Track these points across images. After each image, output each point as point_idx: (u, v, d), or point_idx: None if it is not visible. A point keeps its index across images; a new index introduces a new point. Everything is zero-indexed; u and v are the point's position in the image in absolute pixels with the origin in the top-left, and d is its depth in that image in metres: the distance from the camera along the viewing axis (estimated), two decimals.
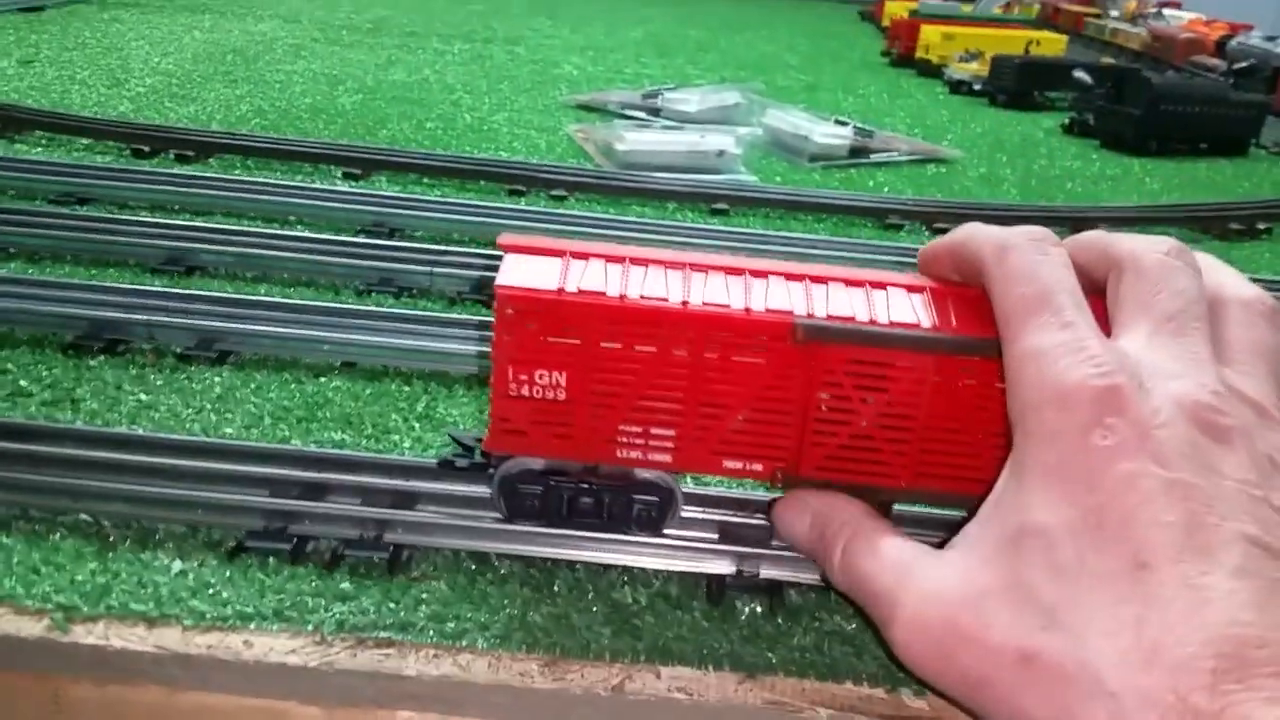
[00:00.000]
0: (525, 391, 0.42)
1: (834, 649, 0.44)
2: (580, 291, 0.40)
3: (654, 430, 0.42)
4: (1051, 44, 2.27)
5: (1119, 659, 0.30)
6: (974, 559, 0.35)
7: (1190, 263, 0.39)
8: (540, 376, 0.42)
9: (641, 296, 0.41)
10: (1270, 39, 2.37)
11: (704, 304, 0.41)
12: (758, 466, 0.43)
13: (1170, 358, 0.35)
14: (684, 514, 0.49)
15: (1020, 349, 0.36)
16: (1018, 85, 1.88)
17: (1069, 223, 1.11)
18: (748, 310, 0.41)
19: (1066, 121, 1.70)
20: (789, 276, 0.43)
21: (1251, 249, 1.14)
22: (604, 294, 0.41)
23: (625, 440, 0.43)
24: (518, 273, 0.41)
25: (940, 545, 0.38)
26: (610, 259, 0.42)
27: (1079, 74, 1.73)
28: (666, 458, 0.43)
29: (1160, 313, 0.37)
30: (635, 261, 0.42)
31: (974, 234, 0.41)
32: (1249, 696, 0.28)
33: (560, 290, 0.40)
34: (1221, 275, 0.40)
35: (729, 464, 0.43)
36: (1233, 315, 0.38)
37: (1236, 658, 0.29)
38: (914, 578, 0.36)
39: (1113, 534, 0.32)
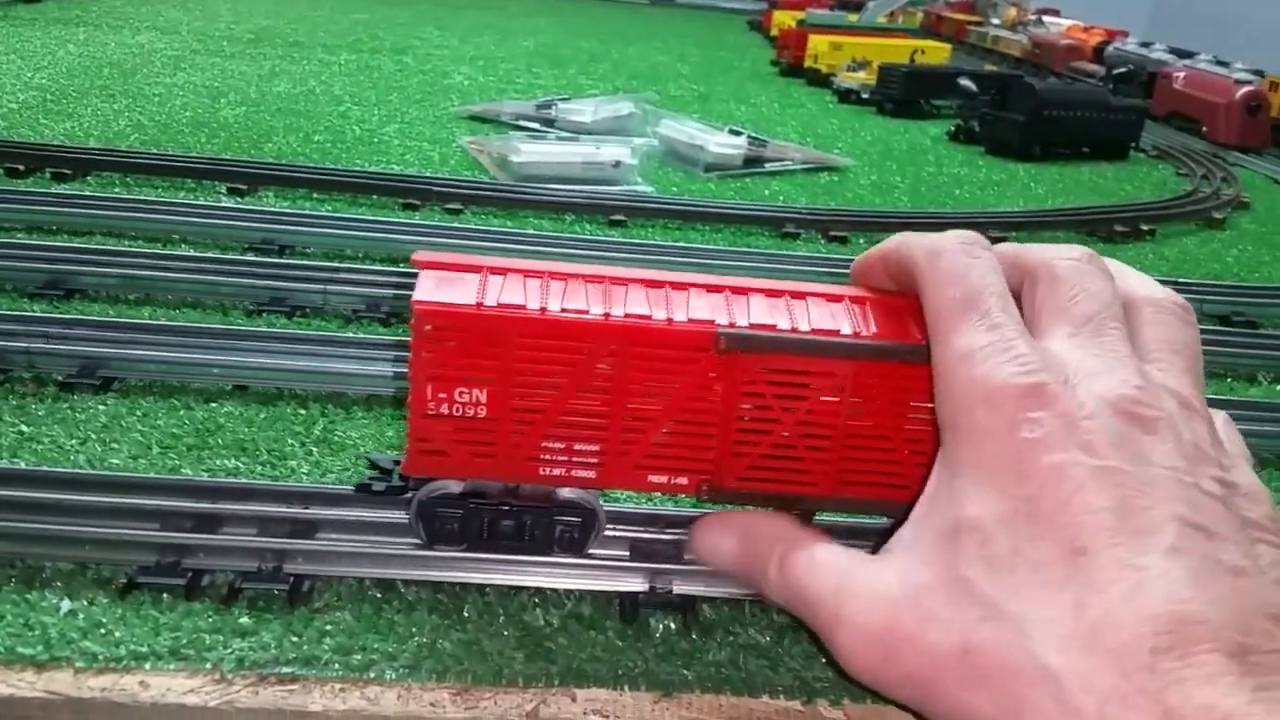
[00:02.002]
0: (445, 410, 0.41)
1: (749, 663, 0.44)
2: (500, 305, 0.40)
3: (577, 446, 0.42)
4: (936, 52, 2.32)
5: (1061, 644, 0.30)
6: (911, 559, 0.35)
7: (1101, 268, 0.40)
8: (460, 394, 0.40)
9: (563, 309, 0.40)
10: (1145, 45, 2.47)
11: (626, 315, 0.40)
12: (682, 480, 0.42)
13: (1092, 357, 0.36)
14: None
15: (949, 350, 0.37)
16: (904, 94, 1.92)
17: (961, 229, 1.13)
18: (670, 321, 0.40)
19: (952, 129, 1.73)
20: (709, 288, 0.42)
21: (1136, 250, 1.17)
22: (524, 307, 0.40)
23: (548, 457, 0.42)
24: (435, 288, 0.40)
25: (874, 552, 0.38)
26: (529, 273, 0.42)
27: (964, 82, 1.77)
28: (590, 474, 0.42)
29: (1078, 315, 0.38)
30: (555, 275, 0.42)
31: (905, 240, 0.42)
32: (1190, 674, 0.28)
33: (479, 304, 0.39)
34: (1131, 279, 0.41)
35: (654, 479, 0.42)
36: (1146, 315, 0.39)
37: (1176, 635, 0.29)
38: (854, 583, 0.36)
39: (1046, 523, 0.32)
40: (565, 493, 0.45)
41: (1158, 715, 0.28)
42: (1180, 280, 1.02)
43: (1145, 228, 1.22)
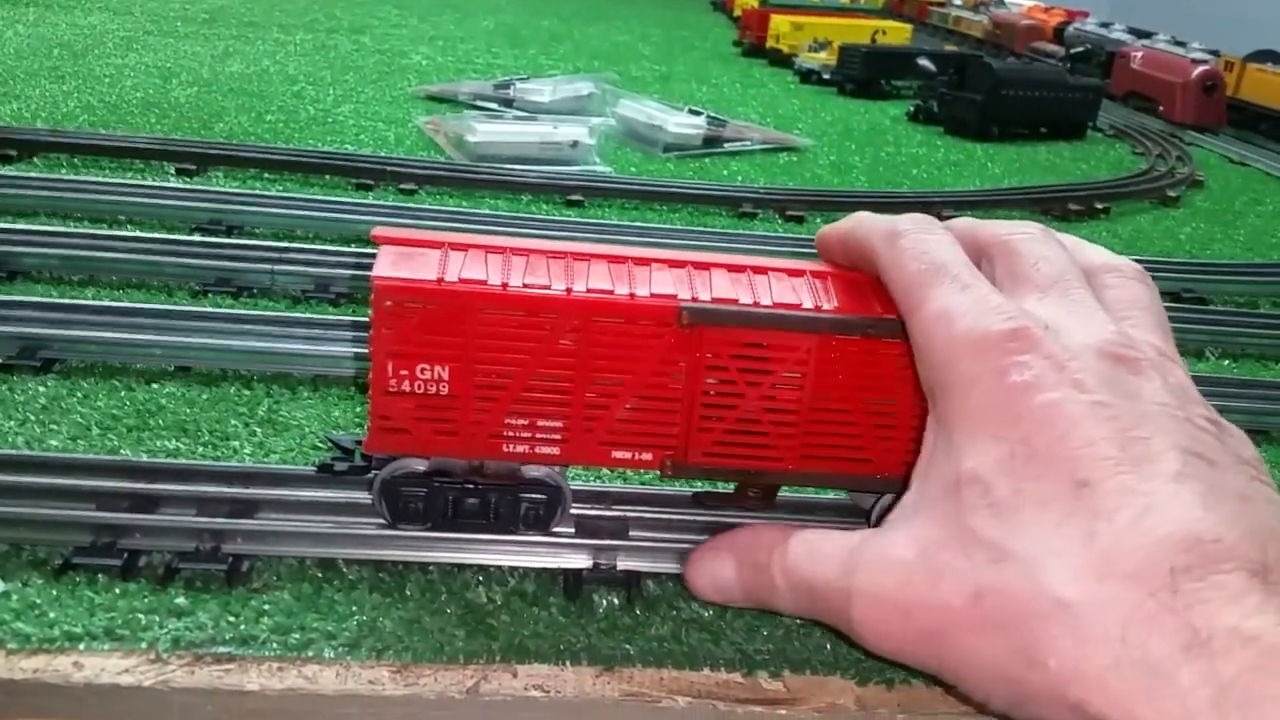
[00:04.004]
0: (406, 387, 0.40)
1: (691, 636, 0.44)
2: (461, 281, 0.39)
3: (541, 423, 0.41)
4: (897, 33, 2.33)
5: (1072, 575, 0.30)
6: (916, 521, 0.35)
7: (1056, 240, 0.41)
8: (422, 370, 0.40)
9: (525, 285, 0.40)
10: (1104, 25, 2.48)
11: (588, 290, 0.40)
12: (647, 455, 0.42)
13: (1066, 313, 0.36)
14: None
15: (925, 313, 0.37)
16: (865, 74, 1.92)
17: (916, 208, 1.14)
18: (632, 296, 0.40)
19: (912, 109, 1.74)
20: (671, 263, 0.42)
21: (1090, 228, 1.18)
22: (486, 283, 0.39)
23: (511, 434, 0.42)
24: (395, 264, 0.40)
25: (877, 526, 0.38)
26: (490, 249, 0.41)
27: (923, 62, 1.78)
28: (554, 450, 0.42)
29: (1043, 279, 0.38)
30: (516, 251, 0.41)
31: (862, 221, 0.42)
32: (1213, 594, 0.28)
33: (440, 280, 0.39)
34: (1087, 251, 0.42)
35: (618, 454, 0.42)
36: (1107, 281, 0.40)
37: (1194, 554, 0.29)
38: (863, 557, 0.36)
39: (1045, 460, 0.32)
40: (531, 470, 0.45)
41: (1185, 637, 0.28)
42: (1132, 257, 1.02)
43: (1100, 206, 1.23)
